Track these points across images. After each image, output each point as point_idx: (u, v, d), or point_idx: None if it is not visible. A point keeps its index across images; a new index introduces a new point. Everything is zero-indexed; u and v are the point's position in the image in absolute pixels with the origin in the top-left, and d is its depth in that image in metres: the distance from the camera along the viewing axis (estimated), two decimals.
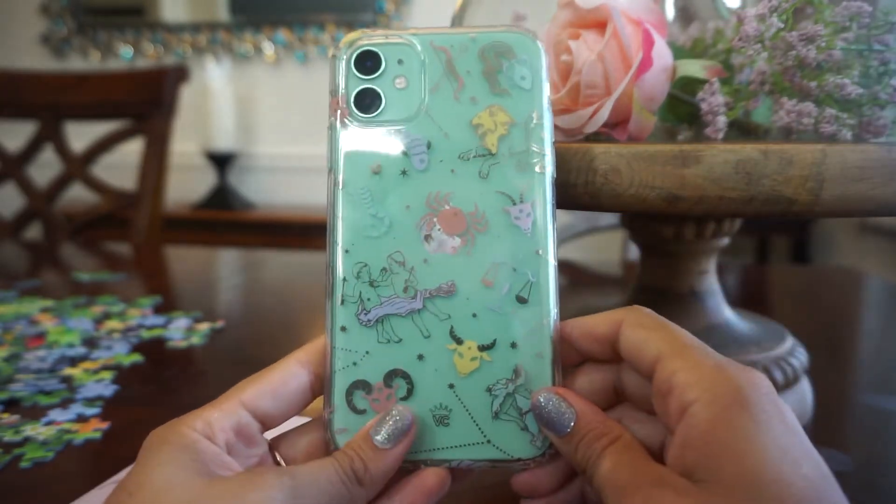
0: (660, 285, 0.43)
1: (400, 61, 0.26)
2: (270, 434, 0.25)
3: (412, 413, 0.24)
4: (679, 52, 0.36)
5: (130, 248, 1.01)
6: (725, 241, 0.41)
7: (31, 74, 1.16)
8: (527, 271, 0.25)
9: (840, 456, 0.37)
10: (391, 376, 0.25)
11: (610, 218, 1.00)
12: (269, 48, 2.12)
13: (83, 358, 0.51)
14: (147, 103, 1.12)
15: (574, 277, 0.85)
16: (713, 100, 0.32)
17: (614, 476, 0.21)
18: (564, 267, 0.90)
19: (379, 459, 0.23)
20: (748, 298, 0.78)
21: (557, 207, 0.27)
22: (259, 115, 2.15)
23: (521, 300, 0.25)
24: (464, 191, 0.26)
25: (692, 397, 0.20)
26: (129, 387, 0.46)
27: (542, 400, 0.24)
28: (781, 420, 0.20)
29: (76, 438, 0.38)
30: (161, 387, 0.47)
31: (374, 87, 0.26)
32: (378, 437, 0.23)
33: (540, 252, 0.25)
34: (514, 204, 0.26)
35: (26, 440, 0.38)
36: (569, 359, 0.26)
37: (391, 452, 0.23)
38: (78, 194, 1.22)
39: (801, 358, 0.41)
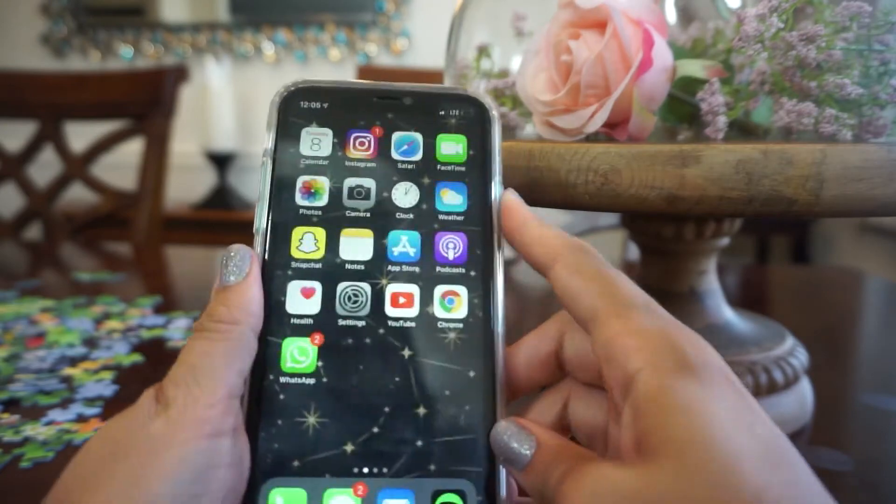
0: (660, 285, 0.43)
1: None
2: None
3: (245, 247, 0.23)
4: (679, 52, 0.36)
5: (130, 248, 1.01)
6: (725, 241, 0.41)
7: (31, 74, 1.16)
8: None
9: (840, 456, 0.37)
10: None
11: (610, 218, 1.00)
12: (269, 48, 2.12)
13: (83, 358, 0.51)
14: (147, 103, 1.12)
15: None
16: (713, 100, 0.32)
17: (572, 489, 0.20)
18: None
19: (240, 292, 0.22)
20: (748, 298, 0.78)
21: (557, 208, 0.27)
22: (259, 115, 2.15)
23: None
24: None
25: (636, 366, 0.19)
26: (129, 387, 0.46)
27: (501, 430, 0.22)
28: (730, 384, 0.19)
29: (76, 438, 0.38)
30: None
31: None
32: (228, 279, 0.22)
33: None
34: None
35: (26, 440, 0.38)
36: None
37: (248, 280, 0.22)
38: (78, 194, 1.22)
39: (801, 358, 0.41)
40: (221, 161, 2.01)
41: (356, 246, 0.24)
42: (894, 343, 0.61)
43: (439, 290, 0.23)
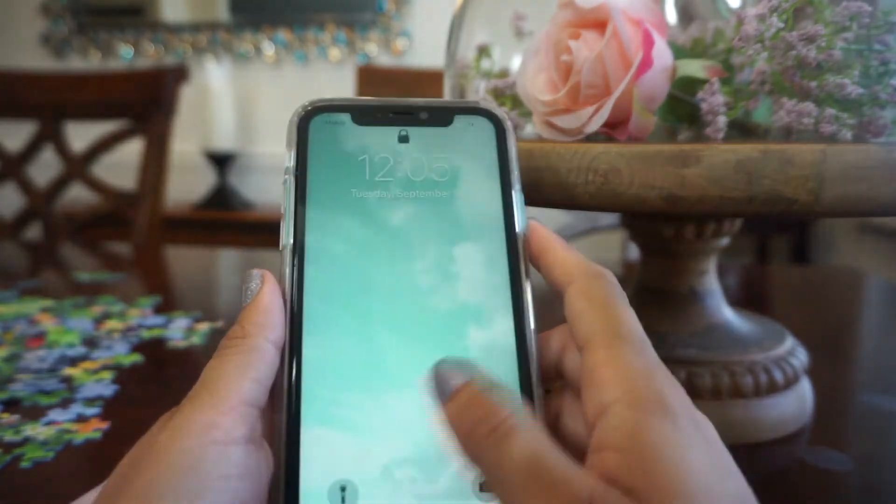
0: (660, 285, 0.43)
1: None
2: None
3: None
4: (679, 52, 0.36)
5: (130, 248, 1.01)
6: (725, 241, 0.41)
7: (31, 74, 1.16)
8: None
9: (840, 456, 0.37)
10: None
11: (610, 218, 1.00)
12: (269, 48, 2.12)
13: (83, 358, 0.51)
14: (147, 103, 1.12)
15: None
16: (713, 100, 0.32)
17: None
18: None
19: (252, 309, 0.22)
20: (748, 298, 0.78)
21: (557, 207, 0.27)
22: (259, 115, 2.15)
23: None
24: None
25: (613, 396, 0.19)
26: (129, 387, 0.46)
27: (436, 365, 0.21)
28: (704, 435, 0.19)
29: (76, 438, 0.38)
30: (161, 387, 0.47)
31: None
32: (245, 301, 0.23)
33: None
34: None
35: (26, 440, 0.38)
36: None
37: (259, 297, 0.23)
38: (78, 194, 1.22)
39: (801, 358, 0.41)
40: (221, 161, 2.01)
41: (380, 261, 0.24)
42: (894, 343, 0.61)
43: (467, 305, 0.23)
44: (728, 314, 0.43)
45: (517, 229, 0.24)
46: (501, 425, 0.18)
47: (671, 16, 0.43)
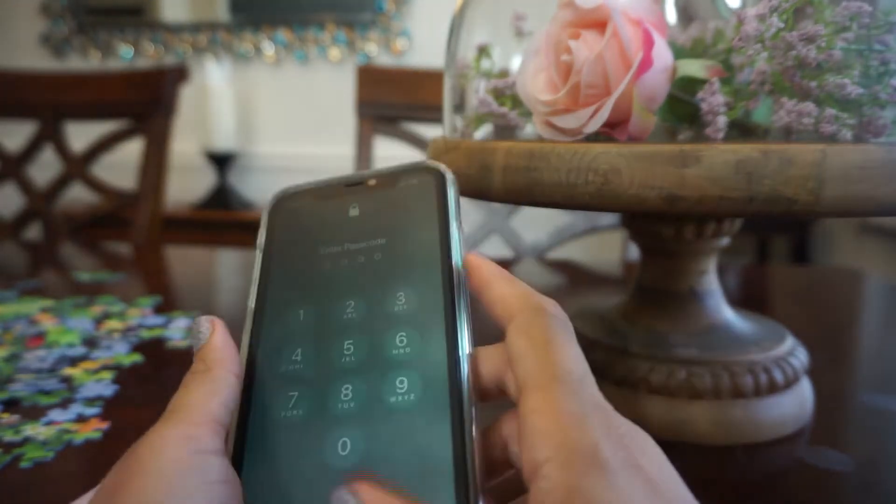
0: (660, 285, 0.43)
1: None
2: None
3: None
4: (679, 52, 0.36)
5: (130, 248, 1.01)
6: (725, 241, 0.41)
7: (31, 74, 1.16)
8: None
9: (840, 456, 0.37)
10: None
11: (610, 218, 1.00)
12: (269, 48, 2.12)
13: (83, 358, 0.51)
14: (147, 103, 1.12)
15: (574, 277, 0.85)
16: (713, 100, 0.32)
17: None
18: (564, 267, 0.90)
19: (210, 347, 0.24)
20: (748, 298, 0.78)
21: (557, 208, 0.27)
22: (259, 115, 2.15)
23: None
24: None
25: (544, 455, 0.18)
26: (129, 387, 0.46)
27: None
28: (646, 481, 0.18)
29: (76, 438, 0.38)
30: (161, 387, 0.47)
31: None
32: (197, 345, 0.24)
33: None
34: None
35: (26, 440, 0.38)
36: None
37: (214, 337, 0.24)
38: (78, 194, 1.22)
39: (801, 358, 0.41)
40: (221, 161, 2.01)
41: (329, 315, 0.26)
42: (894, 343, 0.61)
43: (405, 343, 0.24)
44: (728, 314, 0.43)
45: (454, 264, 0.25)
46: None
47: (671, 16, 0.43)
